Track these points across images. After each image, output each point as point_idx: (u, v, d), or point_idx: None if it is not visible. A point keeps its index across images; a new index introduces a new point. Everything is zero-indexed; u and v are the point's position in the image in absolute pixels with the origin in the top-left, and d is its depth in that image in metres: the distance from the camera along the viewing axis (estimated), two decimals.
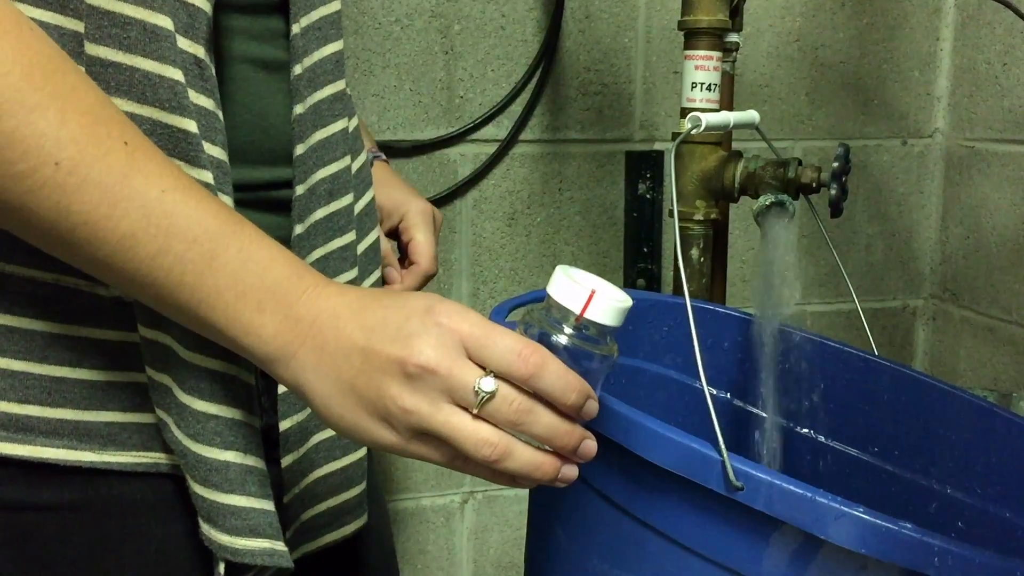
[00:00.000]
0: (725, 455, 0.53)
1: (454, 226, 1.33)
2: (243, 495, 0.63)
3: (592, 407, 0.53)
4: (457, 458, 0.53)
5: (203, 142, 0.60)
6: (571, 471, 0.54)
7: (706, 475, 0.53)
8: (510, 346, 0.51)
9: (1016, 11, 1.03)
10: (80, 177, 0.52)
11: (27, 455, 0.62)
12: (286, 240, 0.69)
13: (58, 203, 0.52)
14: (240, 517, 0.63)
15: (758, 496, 0.52)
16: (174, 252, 0.54)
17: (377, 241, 0.78)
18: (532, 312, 0.55)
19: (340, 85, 0.71)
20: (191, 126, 0.59)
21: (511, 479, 0.54)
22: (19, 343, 0.62)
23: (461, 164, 1.31)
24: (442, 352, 0.51)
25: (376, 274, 0.77)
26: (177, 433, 0.62)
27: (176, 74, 0.59)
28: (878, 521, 0.50)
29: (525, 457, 0.52)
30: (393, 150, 1.28)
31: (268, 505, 0.64)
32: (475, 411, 0.51)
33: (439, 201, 1.31)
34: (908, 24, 1.46)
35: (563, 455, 0.54)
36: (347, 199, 0.71)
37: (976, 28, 1.43)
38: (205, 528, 0.63)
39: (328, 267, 0.70)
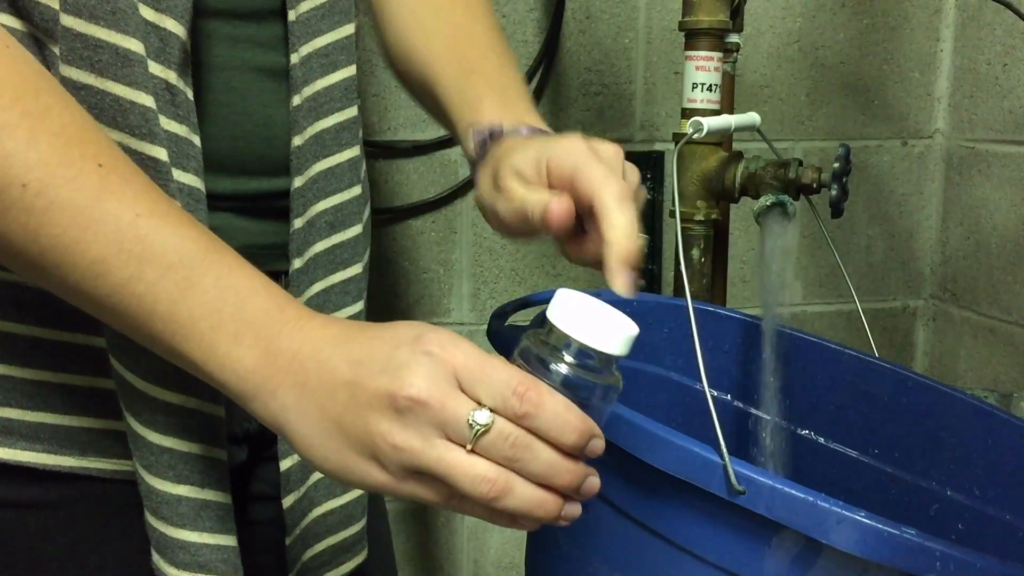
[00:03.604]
0: (727, 459, 0.53)
1: (454, 226, 1.33)
2: (195, 530, 0.61)
3: (597, 446, 0.50)
4: (453, 497, 0.49)
5: (173, 169, 0.59)
6: (574, 509, 0.50)
7: (708, 479, 0.53)
8: (505, 381, 0.47)
9: (1016, 12, 1.03)
10: (48, 199, 0.50)
11: (7, 458, 0.63)
12: (283, 245, 0.68)
13: (26, 225, 0.50)
14: (189, 552, 0.61)
15: (759, 500, 0.52)
16: (147, 279, 0.51)
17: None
18: (530, 337, 0.51)
19: (349, 113, 0.69)
20: (160, 153, 0.58)
21: (511, 519, 0.50)
22: (2, 347, 0.62)
23: (462, 164, 1.31)
24: (433, 384, 0.47)
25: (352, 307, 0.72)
26: (134, 459, 0.62)
27: (147, 100, 0.58)
28: (880, 526, 0.50)
29: (526, 495, 0.48)
30: (394, 150, 1.28)
31: (225, 540, 0.63)
32: (470, 446, 0.47)
33: (439, 201, 1.31)
34: (908, 25, 1.46)
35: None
36: (353, 231, 0.69)
37: (976, 29, 1.43)
38: (155, 557, 0.62)
39: (329, 301, 0.69)
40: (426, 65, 0.73)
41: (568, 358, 0.49)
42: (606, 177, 0.54)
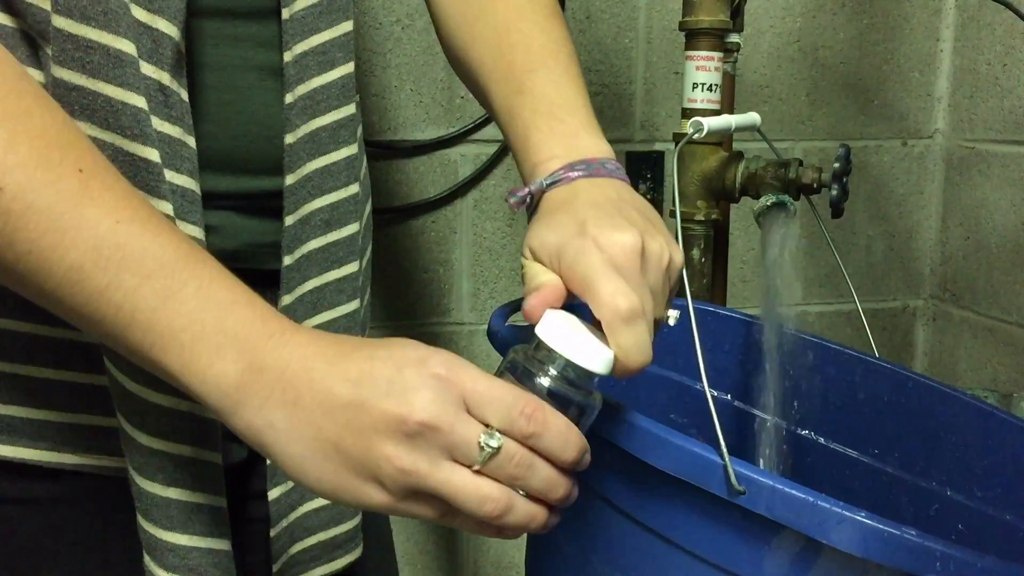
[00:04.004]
0: (727, 459, 0.53)
1: (454, 226, 1.33)
2: (184, 533, 0.61)
3: (587, 461, 0.52)
4: (449, 513, 0.50)
5: (165, 171, 0.58)
6: (556, 519, 0.52)
7: (708, 479, 0.53)
8: (511, 403, 0.49)
9: (1016, 12, 1.03)
10: (25, 204, 0.49)
11: (10, 455, 0.63)
12: (279, 244, 0.68)
13: (1, 230, 0.49)
14: (178, 555, 0.61)
15: (760, 500, 0.52)
16: (125, 287, 0.50)
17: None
18: (519, 352, 0.53)
19: (347, 110, 0.68)
20: (152, 155, 0.58)
21: (498, 530, 0.51)
22: (5, 344, 0.62)
23: (462, 164, 1.31)
24: (443, 408, 0.48)
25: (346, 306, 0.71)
26: (127, 460, 0.62)
27: (139, 101, 0.57)
28: (880, 526, 0.49)
29: (524, 510, 0.50)
30: (394, 150, 1.28)
31: (217, 543, 0.62)
32: (477, 467, 0.48)
33: (439, 201, 1.31)
34: (908, 25, 1.46)
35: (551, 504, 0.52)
36: (349, 229, 0.69)
37: (976, 29, 1.43)
38: (146, 559, 0.62)
39: (323, 299, 0.68)
40: (478, 79, 0.71)
41: (554, 372, 0.52)
42: (612, 296, 0.52)
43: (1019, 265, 1.38)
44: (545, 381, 0.51)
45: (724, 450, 0.53)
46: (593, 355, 0.52)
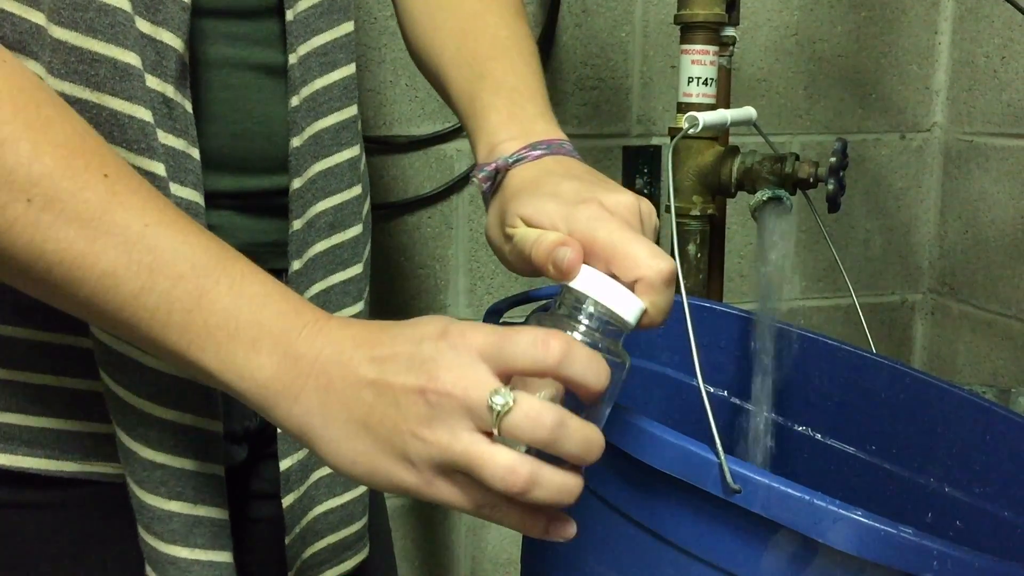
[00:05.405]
0: (722, 457, 0.52)
1: (451, 222, 1.32)
2: (186, 546, 0.61)
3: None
4: (484, 504, 0.49)
5: (171, 184, 0.58)
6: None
7: (703, 477, 0.53)
8: (530, 339, 0.47)
9: (1015, 4, 1.02)
10: (55, 213, 0.49)
11: (8, 464, 0.62)
12: (285, 243, 0.68)
13: (31, 241, 0.49)
14: (179, 568, 0.61)
15: (755, 499, 0.51)
16: (159, 290, 0.50)
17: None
18: (543, 311, 0.52)
19: (349, 112, 0.68)
20: (159, 168, 0.57)
21: (544, 529, 0.50)
22: (2, 351, 0.61)
23: (458, 159, 1.31)
24: (458, 373, 0.47)
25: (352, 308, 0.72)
26: (125, 473, 0.61)
27: (145, 114, 0.57)
28: (876, 524, 0.49)
29: (555, 481, 0.47)
30: (389, 145, 1.27)
31: (219, 556, 0.62)
32: (494, 430, 0.46)
33: (435, 196, 1.30)
34: (906, 18, 1.46)
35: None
36: (353, 231, 0.69)
37: (975, 22, 1.42)
38: (148, 570, 0.62)
39: (329, 302, 0.68)
40: (439, 66, 0.72)
41: (587, 325, 0.51)
42: (653, 259, 0.51)
43: (1018, 258, 1.38)
44: (577, 336, 0.50)
45: (719, 448, 0.52)
46: (631, 306, 0.51)
